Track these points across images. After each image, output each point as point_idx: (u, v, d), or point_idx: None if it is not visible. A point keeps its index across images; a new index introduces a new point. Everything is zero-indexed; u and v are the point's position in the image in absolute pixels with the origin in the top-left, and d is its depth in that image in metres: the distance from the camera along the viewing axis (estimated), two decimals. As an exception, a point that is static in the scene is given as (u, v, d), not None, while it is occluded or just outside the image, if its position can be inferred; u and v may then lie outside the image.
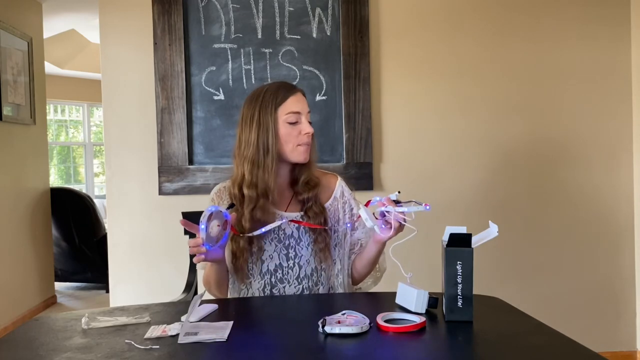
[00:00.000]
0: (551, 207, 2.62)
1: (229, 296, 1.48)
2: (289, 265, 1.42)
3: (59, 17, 4.74)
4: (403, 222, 1.24)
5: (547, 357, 0.96)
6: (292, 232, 1.44)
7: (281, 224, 1.39)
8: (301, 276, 1.42)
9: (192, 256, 1.96)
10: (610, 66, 2.62)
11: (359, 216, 1.29)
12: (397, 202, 1.25)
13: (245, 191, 1.39)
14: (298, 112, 1.40)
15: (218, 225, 1.22)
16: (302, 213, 1.44)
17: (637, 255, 2.64)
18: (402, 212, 1.23)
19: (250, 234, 1.34)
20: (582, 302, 2.63)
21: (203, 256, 1.21)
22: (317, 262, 1.43)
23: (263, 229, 1.31)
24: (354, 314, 1.11)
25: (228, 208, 1.25)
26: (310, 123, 1.42)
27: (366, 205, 1.30)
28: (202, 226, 1.17)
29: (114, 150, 2.49)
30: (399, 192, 1.30)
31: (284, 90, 1.41)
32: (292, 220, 1.41)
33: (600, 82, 2.62)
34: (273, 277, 1.42)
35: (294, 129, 1.39)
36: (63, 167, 7.43)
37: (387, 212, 1.25)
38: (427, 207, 1.20)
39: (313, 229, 1.42)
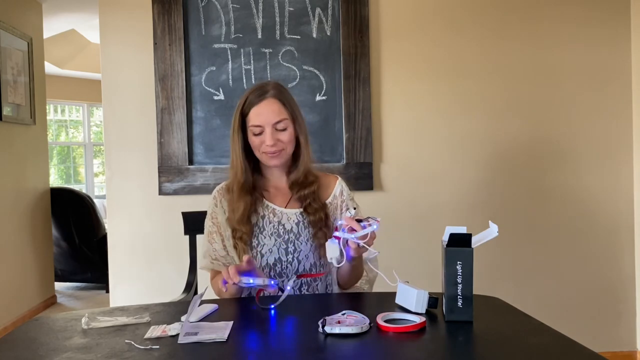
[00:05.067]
0: (551, 207, 2.62)
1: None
2: (288, 259, 1.44)
3: (59, 17, 4.74)
4: (362, 246, 1.21)
5: (547, 357, 0.96)
6: (292, 227, 1.46)
7: (289, 287, 1.29)
8: (300, 271, 1.44)
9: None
10: (610, 67, 2.62)
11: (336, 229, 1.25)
12: (359, 221, 1.20)
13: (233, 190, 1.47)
14: (259, 126, 1.42)
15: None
16: (301, 210, 1.47)
17: (637, 255, 2.64)
18: (354, 239, 1.19)
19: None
20: (582, 302, 2.63)
21: (232, 283, 1.22)
22: (316, 257, 1.46)
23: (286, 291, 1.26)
24: (354, 314, 1.11)
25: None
26: (283, 130, 1.42)
27: (336, 237, 1.23)
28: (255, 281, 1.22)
29: (114, 150, 2.49)
30: (354, 208, 1.31)
31: (251, 97, 1.44)
32: (299, 275, 1.41)
33: (601, 83, 2.62)
34: (272, 271, 1.44)
35: (258, 139, 1.43)
36: (63, 167, 7.42)
37: (340, 237, 1.20)
38: (376, 225, 1.19)
39: (313, 224, 1.44)
